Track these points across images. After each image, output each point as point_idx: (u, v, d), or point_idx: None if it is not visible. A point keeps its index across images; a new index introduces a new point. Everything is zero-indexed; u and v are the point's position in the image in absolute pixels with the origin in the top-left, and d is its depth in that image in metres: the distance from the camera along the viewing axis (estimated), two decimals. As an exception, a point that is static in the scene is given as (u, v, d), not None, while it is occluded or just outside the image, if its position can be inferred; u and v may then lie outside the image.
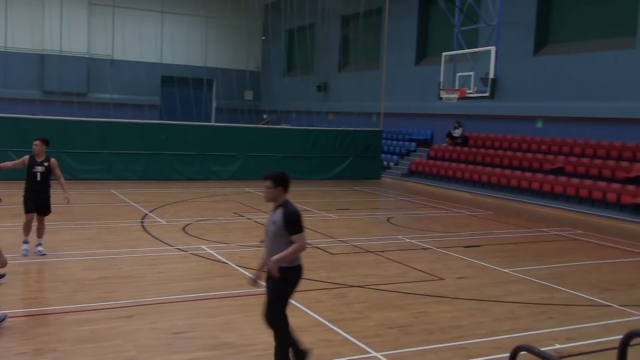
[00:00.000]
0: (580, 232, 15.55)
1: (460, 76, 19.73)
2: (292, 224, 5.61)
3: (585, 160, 20.56)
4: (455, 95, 19.51)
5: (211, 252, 11.23)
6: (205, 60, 38.63)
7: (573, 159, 20.97)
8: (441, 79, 20.35)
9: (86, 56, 37.82)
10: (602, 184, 19.13)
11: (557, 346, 7.15)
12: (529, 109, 23.39)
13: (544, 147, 22.56)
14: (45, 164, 10.38)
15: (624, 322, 8.18)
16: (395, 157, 28.85)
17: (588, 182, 19.54)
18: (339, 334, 7.23)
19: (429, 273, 10.37)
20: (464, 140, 26.12)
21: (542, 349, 6.69)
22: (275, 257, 5.58)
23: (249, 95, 42.59)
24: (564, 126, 22.18)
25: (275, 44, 41.08)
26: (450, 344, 7.09)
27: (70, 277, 9.18)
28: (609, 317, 8.39)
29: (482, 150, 24.66)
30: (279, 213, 5.69)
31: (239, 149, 23.85)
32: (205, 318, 7.68)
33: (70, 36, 36.29)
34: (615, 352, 3.77)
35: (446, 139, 26.91)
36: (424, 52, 29.85)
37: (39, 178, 10.31)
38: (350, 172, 25.88)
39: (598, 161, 20.13)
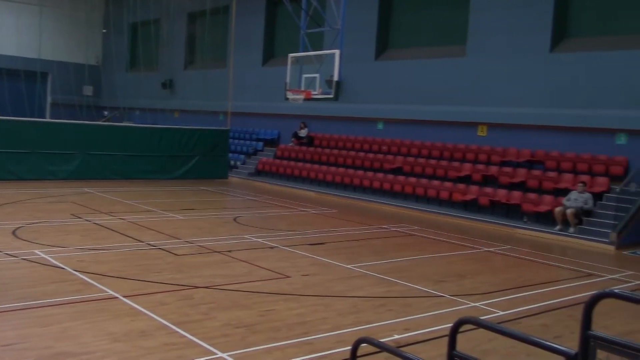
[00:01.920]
0: (417, 228, 16.50)
1: (306, 78, 20.10)
2: None
3: (421, 160, 21.86)
4: (301, 96, 19.86)
5: (45, 256, 10.50)
6: (39, 52, 36.07)
7: (410, 159, 22.20)
8: (287, 80, 20.62)
9: None
10: (436, 182, 20.45)
11: (396, 336, 7.52)
12: (370, 111, 24.42)
13: (384, 147, 23.68)
14: None
15: (455, 310, 8.78)
16: (242, 156, 28.83)
17: (424, 181, 20.79)
18: (184, 336, 7.07)
19: (275, 271, 10.46)
20: (310, 141, 26.71)
21: (382, 340, 7.00)
22: None
23: (88, 90, 40.40)
24: (402, 128, 23.42)
25: (117, 37, 39.34)
26: (296, 340, 7.19)
27: None
28: (442, 307, 8.97)
29: (327, 150, 25.36)
30: None
31: (77, 147, 22.54)
32: (38, 327, 7.16)
33: None
34: (447, 339, 4.03)
35: (292, 139, 27.35)
36: (271, 52, 30.12)
37: None
38: (197, 172, 25.44)
39: (433, 161, 21.49)
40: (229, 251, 11.82)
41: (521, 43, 19.81)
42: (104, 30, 41.34)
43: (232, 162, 27.95)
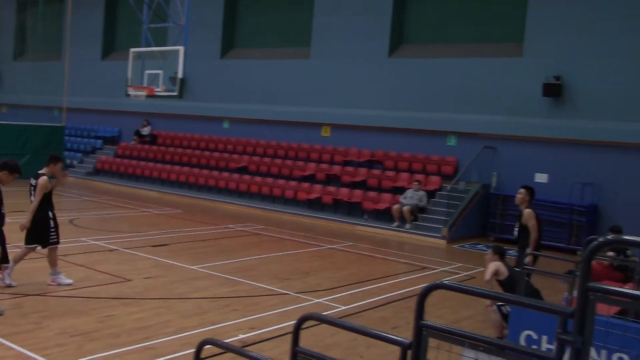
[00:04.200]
0: (262, 227, 16.59)
1: (148, 74, 19.44)
2: None
3: (266, 159, 22.03)
4: (144, 93, 19.19)
5: None
6: None
7: (256, 158, 22.30)
8: (129, 76, 19.82)
9: None
10: (281, 181, 20.71)
11: (241, 336, 7.50)
12: (216, 110, 24.19)
13: (229, 146, 23.56)
14: None
15: (299, 307, 8.95)
16: (79, 155, 27.30)
17: (269, 180, 20.97)
18: (13, 348, 6.54)
19: (115, 275, 10.02)
20: (153, 139, 25.92)
21: (227, 340, 6.97)
22: None
23: None
24: (248, 127, 23.46)
25: None
26: (137, 345, 6.93)
27: None
28: (287, 304, 9.09)
29: (171, 149, 24.75)
30: None
31: None
32: None
33: None
34: (291, 336, 4.08)
35: (134, 137, 26.37)
36: (111, 46, 28.83)
37: None
38: (28, 172, 23.58)
39: (278, 161, 21.74)
40: (65, 255, 11.11)
41: (362, 47, 20.63)
42: None
43: (67, 161, 26.35)
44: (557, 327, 2.95)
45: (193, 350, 4.52)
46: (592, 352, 4.47)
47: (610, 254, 9.34)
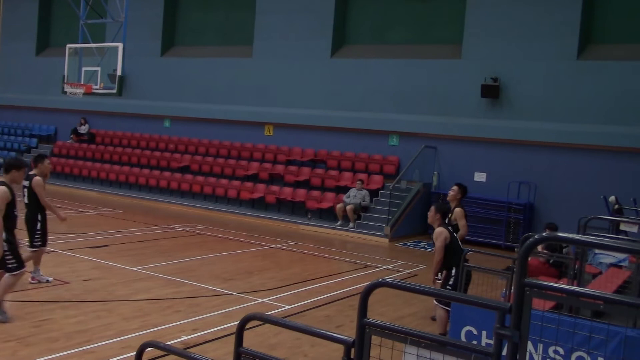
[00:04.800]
0: (205, 227, 16.42)
1: (86, 71, 18.96)
2: None
3: (209, 159, 21.81)
4: (81, 90, 18.69)
5: None
6: None
7: (198, 157, 22.04)
8: (65, 73, 19.27)
9: None
10: (224, 181, 20.54)
11: (184, 338, 7.41)
12: (157, 108, 23.78)
13: (171, 145, 23.21)
14: None
15: (243, 307, 8.90)
16: (13, 154, 26.32)
17: (212, 179, 20.77)
18: (-58, 356, 6.28)
19: (52, 278, 9.73)
20: (91, 137, 25.28)
21: (169, 342, 6.88)
22: None
23: None
24: (190, 126, 23.15)
25: None
26: (76, 349, 6.76)
27: None
28: (230, 305, 9.03)
29: (110, 148, 24.20)
30: None
31: None
32: None
33: None
34: (234, 337, 4.06)
35: (71, 136, 25.66)
36: (46, 42, 27.95)
37: None
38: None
39: (220, 160, 21.55)
40: (-2, 258, 10.72)
41: (305, 47, 20.68)
42: None
43: (0, 161, 25.43)
44: (495, 322, 3.04)
45: (134, 353, 4.44)
46: (529, 346, 4.61)
47: (546, 251, 9.67)
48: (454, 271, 8.05)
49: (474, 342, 6.17)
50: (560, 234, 3.10)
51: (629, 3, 16.68)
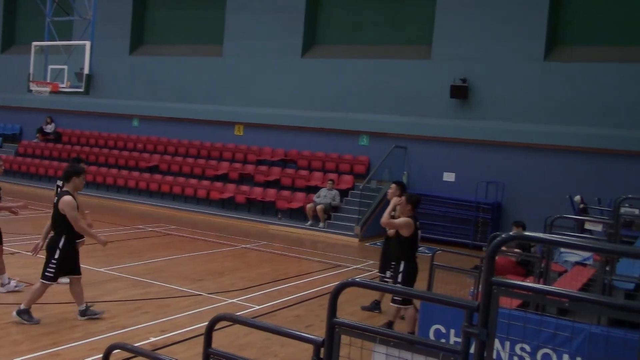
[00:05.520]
0: (174, 227, 16.28)
1: (52, 69, 18.65)
2: None
3: (178, 159, 21.63)
4: (47, 89, 18.37)
5: None
6: None
7: (167, 157, 21.84)
8: (31, 70, 18.94)
9: None
10: (193, 181, 20.39)
11: (152, 339, 7.33)
12: (125, 107, 23.50)
13: (139, 145, 22.96)
14: None
15: (213, 308, 8.84)
16: (-23, 153, 25.83)
17: (181, 179, 20.60)
18: None
19: (17, 280, 9.55)
20: (57, 137, 24.88)
21: (138, 343, 6.80)
22: None
23: None
24: (159, 125, 22.93)
25: None
26: (42, 352, 6.65)
27: None
28: (200, 305, 8.97)
29: (77, 147, 23.84)
30: None
31: None
32: None
33: None
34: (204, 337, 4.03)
35: (37, 135, 25.21)
36: (11, 39, 27.43)
37: None
38: None
39: (190, 160, 21.39)
40: (-40, 260, 10.48)
41: (275, 46, 20.63)
42: None
43: (-36, 160, 24.86)
44: (463, 320, 3.07)
45: (101, 355, 4.38)
46: (497, 344, 4.67)
47: (517, 250, 9.79)
48: (402, 266, 7.98)
49: (443, 340, 6.23)
50: (527, 233, 3.15)
51: (595, 6, 17.01)
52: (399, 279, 7.96)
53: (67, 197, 7.61)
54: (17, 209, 9.01)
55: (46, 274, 7.65)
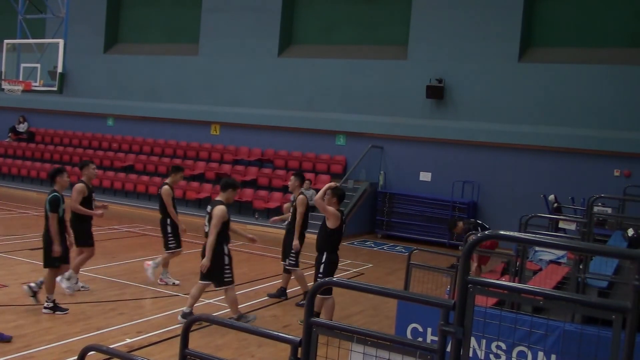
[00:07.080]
0: (150, 227, 16.12)
1: (25, 67, 18.38)
2: None
3: (154, 158, 21.45)
4: (20, 88, 18.10)
5: None
6: None
7: (143, 157, 21.64)
8: (2, 69, 18.65)
9: None
10: (169, 181, 20.19)
11: (128, 340, 7.27)
12: (100, 107, 23.24)
13: (114, 145, 22.72)
14: None
15: (189, 309, 8.77)
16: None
17: (157, 179, 20.40)
18: None
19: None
20: (30, 136, 24.52)
21: (113, 345, 6.74)
22: None
23: None
24: (134, 125, 22.71)
25: None
26: (15, 355, 6.55)
27: None
28: (176, 306, 8.90)
29: (51, 147, 23.52)
30: None
31: None
32: None
33: None
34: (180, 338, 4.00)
35: (9, 134, 24.83)
36: (-17, 37, 26.96)
37: None
38: None
39: (166, 159, 21.23)
40: None
41: (251, 46, 20.57)
42: None
43: None
44: (440, 319, 3.09)
45: (76, 357, 4.33)
46: (473, 342, 4.72)
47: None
48: (324, 257, 8.11)
49: (420, 339, 6.26)
50: (502, 232, 3.18)
51: (568, 8, 17.24)
52: (321, 270, 8.07)
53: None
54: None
55: None
